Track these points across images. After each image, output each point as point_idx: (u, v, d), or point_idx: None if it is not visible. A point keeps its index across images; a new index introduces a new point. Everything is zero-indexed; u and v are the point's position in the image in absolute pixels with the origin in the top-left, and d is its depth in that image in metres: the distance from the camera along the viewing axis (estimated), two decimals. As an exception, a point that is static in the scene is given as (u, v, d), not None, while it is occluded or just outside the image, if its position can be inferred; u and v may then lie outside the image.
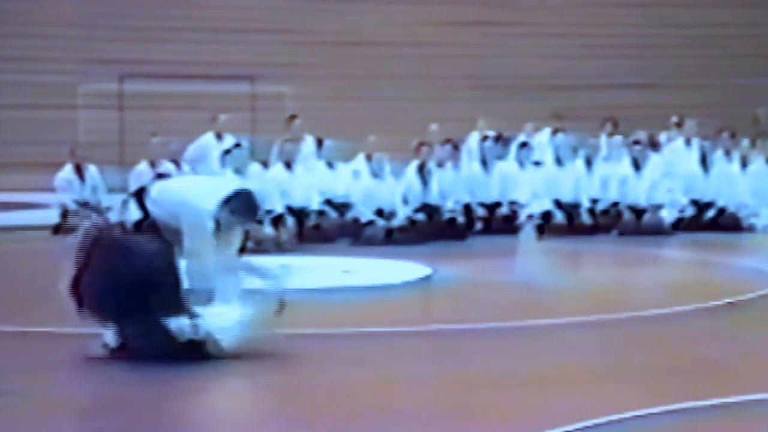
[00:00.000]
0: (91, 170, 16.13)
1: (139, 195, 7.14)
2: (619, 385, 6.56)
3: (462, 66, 24.41)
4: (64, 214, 15.72)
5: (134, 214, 7.02)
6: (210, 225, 6.88)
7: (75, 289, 6.91)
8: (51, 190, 16.12)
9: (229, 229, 7.04)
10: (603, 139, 17.23)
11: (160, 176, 14.20)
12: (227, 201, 7.01)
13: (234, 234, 7.13)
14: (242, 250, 13.60)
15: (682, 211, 16.12)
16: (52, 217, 15.83)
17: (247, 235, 13.42)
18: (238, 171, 14.03)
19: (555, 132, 17.72)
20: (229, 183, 7.62)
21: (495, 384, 6.58)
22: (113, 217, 15.98)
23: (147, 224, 6.96)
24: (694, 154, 16.97)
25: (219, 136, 16.47)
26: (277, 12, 24.46)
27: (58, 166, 16.10)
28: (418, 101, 23.04)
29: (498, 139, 17.04)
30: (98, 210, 15.79)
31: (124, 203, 7.42)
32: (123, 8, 23.59)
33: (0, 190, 20.29)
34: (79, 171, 16.01)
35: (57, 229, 15.65)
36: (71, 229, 15.34)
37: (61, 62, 23.07)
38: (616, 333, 8.29)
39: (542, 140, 17.91)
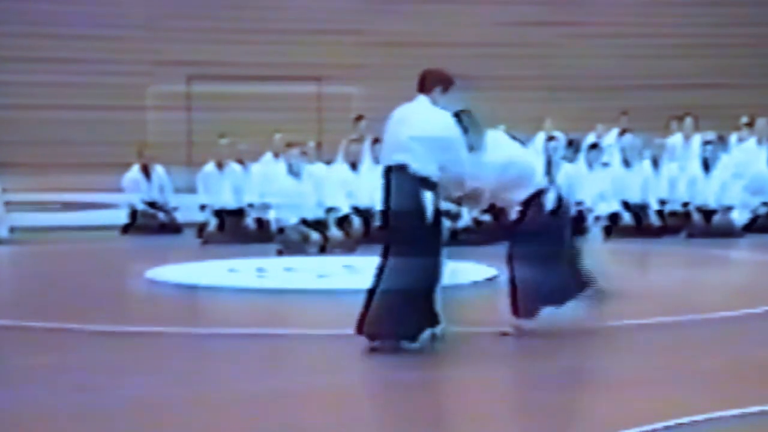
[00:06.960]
0: (158, 170, 16.21)
1: None
2: (685, 388, 6.50)
3: (530, 66, 24.30)
4: (133, 214, 15.86)
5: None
6: None
7: None
8: (119, 190, 16.26)
9: None
10: (680, 137, 17.11)
11: None
12: None
13: None
14: (323, 249, 13.49)
15: (754, 211, 15.85)
16: (121, 217, 15.98)
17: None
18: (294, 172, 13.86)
19: (622, 132, 17.60)
20: None
21: (562, 384, 6.54)
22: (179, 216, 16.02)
23: None
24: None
25: (276, 156, 15.84)
26: (344, 13, 24.53)
27: (127, 166, 16.23)
28: (486, 101, 22.98)
29: (570, 143, 16.93)
30: (165, 209, 15.93)
31: None
32: (191, 10, 23.80)
33: (70, 190, 20.55)
34: (146, 171, 16.10)
35: (126, 229, 15.80)
36: (140, 229, 15.58)
37: (131, 64, 23.32)
38: (684, 335, 8.22)
39: (610, 141, 17.78)
